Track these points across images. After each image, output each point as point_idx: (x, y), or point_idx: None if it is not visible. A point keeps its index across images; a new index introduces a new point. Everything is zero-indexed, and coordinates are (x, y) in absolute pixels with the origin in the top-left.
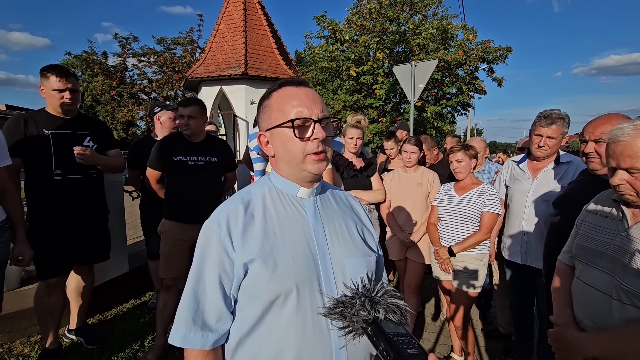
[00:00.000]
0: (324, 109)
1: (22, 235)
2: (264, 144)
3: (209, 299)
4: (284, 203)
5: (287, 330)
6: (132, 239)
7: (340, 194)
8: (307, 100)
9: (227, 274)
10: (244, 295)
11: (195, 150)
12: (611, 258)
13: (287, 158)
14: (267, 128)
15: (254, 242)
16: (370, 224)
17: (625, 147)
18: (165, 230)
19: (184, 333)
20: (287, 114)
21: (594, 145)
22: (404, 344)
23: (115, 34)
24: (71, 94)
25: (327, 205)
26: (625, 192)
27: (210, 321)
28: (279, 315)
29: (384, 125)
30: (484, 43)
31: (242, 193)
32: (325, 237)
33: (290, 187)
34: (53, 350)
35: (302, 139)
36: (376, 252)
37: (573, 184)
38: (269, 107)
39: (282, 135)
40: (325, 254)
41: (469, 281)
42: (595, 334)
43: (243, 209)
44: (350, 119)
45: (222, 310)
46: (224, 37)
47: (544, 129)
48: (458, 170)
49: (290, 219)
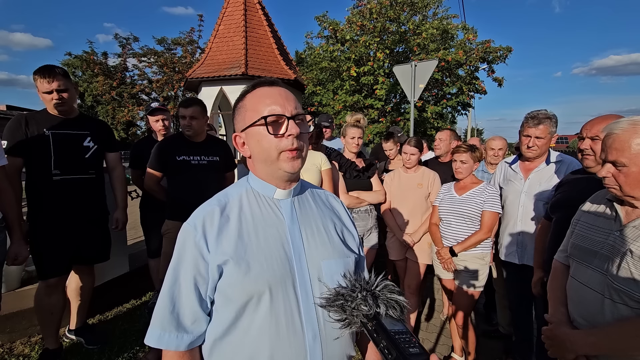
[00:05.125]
0: (298, 106)
1: (18, 235)
2: (240, 145)
3: (185, 300)
4: (260, 205)
5: (261, 332)
6: (132, 239)
7: (320, 193)
8: (280, 98)
9: (202, 276)
10: (219, 296)
11: (198, 150)
12: (604, 257)
13: (262, 157)
14: (242, 128)
15: (227, 244)
16: (352, 224)
17: (615, 140)
18: (169, 230)
19: (159, 334)
20: (260, 112)
21: (589, 142)
22: (405, 342)
23: (115, 34)
24: (58, 94)
25: (305, 206)
26: (610, 185)
27: (186, 323)
28: (252, 317)
29: (384, 125)
30: (484, 43)
31: (220, 195)
32: (301, 238)
33: (267, 189)
34: (53, 350)
35: (276, 135)
36: (356, 253)
37: (569, 185)
38: (243, 107)
39: (256, 134)
40: (300, 255)
41: (470, 280)
42: (587, 331)
43: (219, 211)
44: (349, 119)
45: (197, 311)
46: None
47: (532, 129)
48: (460, 170)
49: (265, 221)
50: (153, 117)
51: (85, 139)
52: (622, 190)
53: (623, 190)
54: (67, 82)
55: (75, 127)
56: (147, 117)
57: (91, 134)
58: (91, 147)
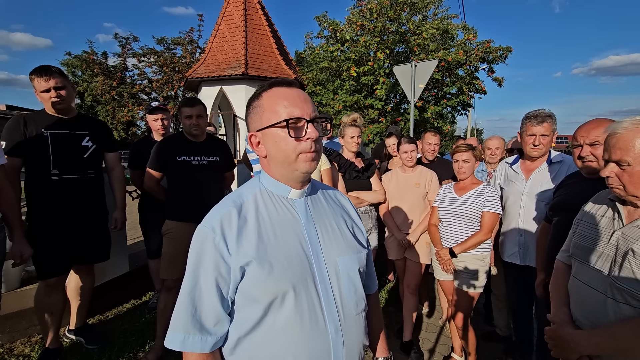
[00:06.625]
0: (315, 109)
1: (19, 234)
2: (255, 145)
3: (206, 303)
4: (276, 205)
5: (285, 329)
6: (132, 239)
7: (330, 193)
8: (299, 100)
9: (224, 278)
10: (241, 297)
11: (198, 150)
12: (606, 257)
13: (280, 158)
14: (259, 128)
15: (248, 246)
16: (359, 220)
17: (619, 139)
18: (169, 230)
19: (182, 337)
20: (280, 114)
21: (589, 148)
22: None
23: (115, 34)
24: (56, 92)
25: (317, 205)
26: (613, 185)
27: (209, 325)
28: (276, 315)
29: (384, 125)
30: (484, 43)
31: (234, 196)
32: (317, 236)
33: (282, 189)
34: (53, 350)
35: (297, 138)
36: (366, 247)
37: (567, 187)
38: (259, 107)
39: (274, 136)
40: (318, 253)
41: (470, 281)
42: (590, 331)
43: (236, 212)
44: (345, 119)
45: (219, 313)
46: (224, 37)
47: (536, 127)
48: (463, 170)
49: (282, 221)
50: (152, 116)
51: (83, 138)
52: (625, 189)
53: (627, 189)
54: (64, 80)
55: (73, 126)
56: (146, 117)
57: (90, 133)
58: (90, 147)
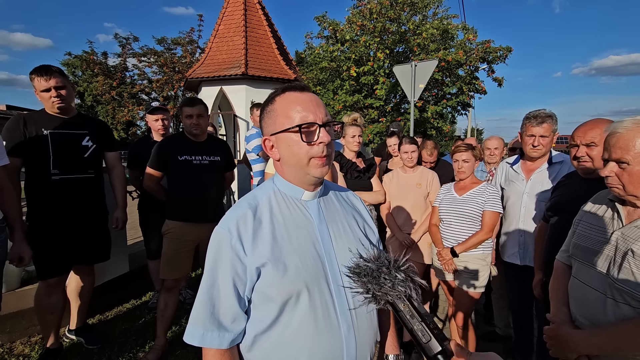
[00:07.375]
0: (327, 113)
1: (20, 235)
2: (269, 148)
3: (224, 301)
4: (289, 206)
5: (300, 327)
6: (132, 239)
7: (342, 193)
8: (312, 105)
9: (241, 278)
10: (257, 296)
11: (200, 150)
12: (606, 257)
13: (292, 161)
14: (273, 133)
15: (264, 247)
16: (371, 219)
17: (619, 139)
18: (169, 230)
19: (201, 333)
20: (293, 119)
21: (585, 149)
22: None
23: (115, 34)
24: (56, 92)
25: (330, 206)
26: (612, 185)
27: (226, 322)
28: (292, 313)
29: (384, 125)
30: (484, 43)
31: (249, 198)
32: (329, 237)
33: (295, 191)
34: (53, 350)
35: (309, 143)
36: (377, 247)
37: (564, 188)
38: (273, 112)
39: (288, 140)
40: (330, 253)
41: (471, 281)
42: (589, 331)
43: (251, 214)
44: (346, 119)
45: (236, 311)
46: (224, 37)
47: (536, 128)
48: (463, 170)
49: (295, 222)
50: (153, 116)
51: (83, 138)
52: (625, 189)
53: (626, 189)
54: (64, 79)
55: (73, 126)
56: (146, 117)
57: (90, 133)
58: (90, 147)
